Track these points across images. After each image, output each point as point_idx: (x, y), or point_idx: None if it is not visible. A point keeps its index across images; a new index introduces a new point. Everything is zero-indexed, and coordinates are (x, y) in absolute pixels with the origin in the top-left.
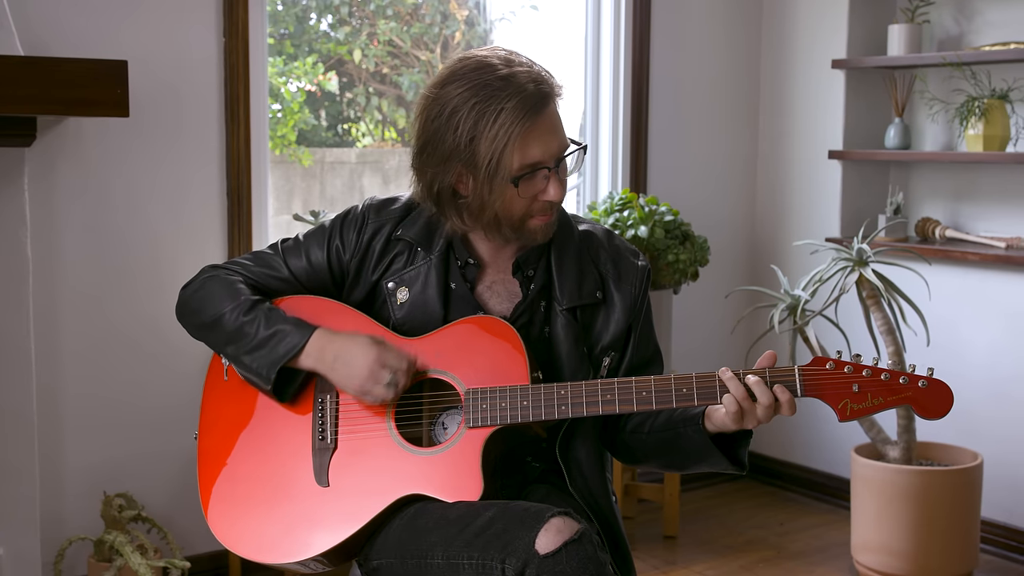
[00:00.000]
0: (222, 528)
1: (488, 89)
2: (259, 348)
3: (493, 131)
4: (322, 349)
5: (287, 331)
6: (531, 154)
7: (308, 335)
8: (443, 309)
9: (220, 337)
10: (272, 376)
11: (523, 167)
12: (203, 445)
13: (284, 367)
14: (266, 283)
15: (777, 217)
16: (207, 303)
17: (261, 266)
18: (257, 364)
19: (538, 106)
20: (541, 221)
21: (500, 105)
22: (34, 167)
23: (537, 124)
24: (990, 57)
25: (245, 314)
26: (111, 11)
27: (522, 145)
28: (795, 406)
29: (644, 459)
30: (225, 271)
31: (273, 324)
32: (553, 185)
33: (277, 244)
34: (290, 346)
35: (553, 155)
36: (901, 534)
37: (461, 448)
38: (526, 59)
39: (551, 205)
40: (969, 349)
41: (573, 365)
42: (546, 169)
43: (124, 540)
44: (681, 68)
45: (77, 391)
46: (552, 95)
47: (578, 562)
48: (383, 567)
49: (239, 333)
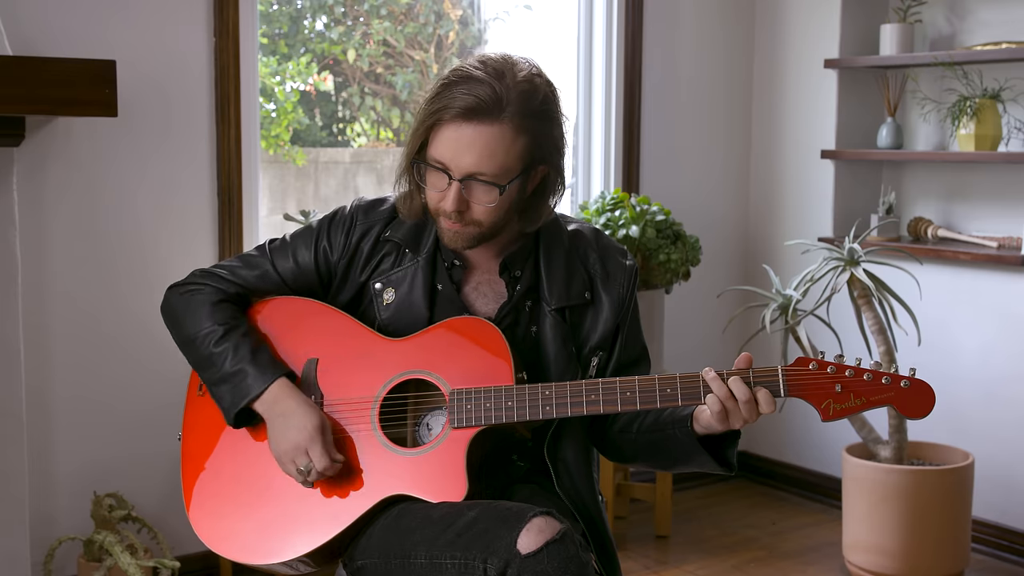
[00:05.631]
0: (206, 528)
1: (458, 77)
2: (223, 383)
3: (428, 108)
4: (275, 402)
5: (248, 374)
6: (438, 149)
7: (267, 385)
8: (429, 311)
9: (191, 357)
10: (231, 417)
11: (430, 157)
12: (187, 446)
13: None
14: (253, 286)
15: (769, 217)
16: (185, 319)
17: (249, 269)
18: (221, 399)
19: (468, 115)
20: (444, 224)
21: (451, 92)
22: (23, 167)
23: (463, 128)
24: (982, 57)
25: (216, 344)
26: (100, 10)
27: (436, 135)
28: (774, 402)
29: (632, 458)
30: (212, 279)
31: (239, 362)
32: (449, 193)
33: (265, 245)
34: (247, 392)
35: (460, 167)
36: (892, 533)
37: (445, 448)
38: (525, 75)
39: (451, 214)
40: (960, 349)
41: (561, 365)
42: (447, 175)
43: (114, 540)
44: (673, 67)
45: (67, 392)
46: (493, 119)
47: (559, 562)
48: (367, 567)
49: (208, 362)
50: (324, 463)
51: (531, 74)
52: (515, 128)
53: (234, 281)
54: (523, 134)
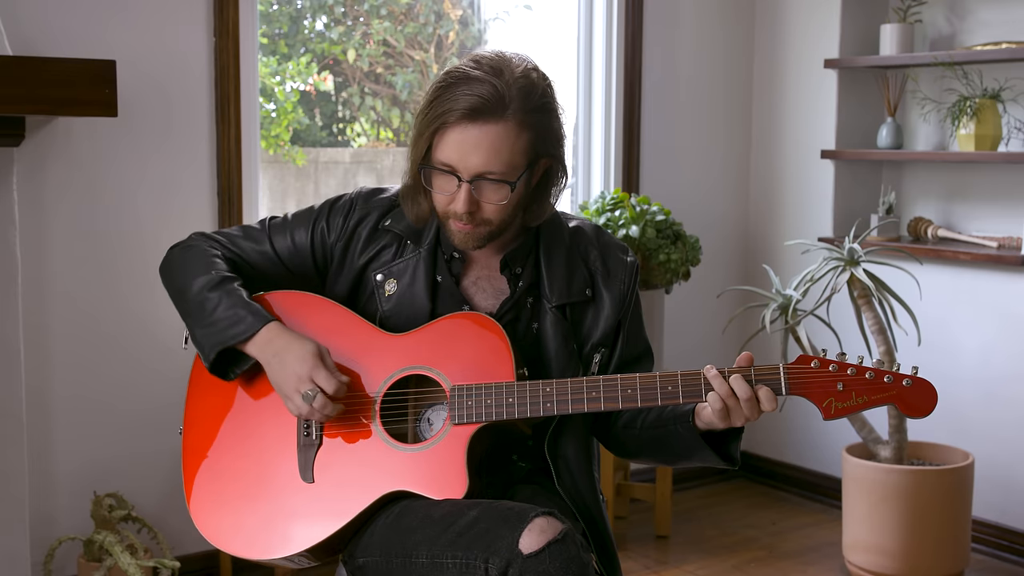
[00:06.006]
0: (206, 523)
1: (455, 78)
2: (211, 326)
3: (431, 112)
4: (269, 341)
5: (242, 316)
6: (445, 152)
7: (261, 325)
8: (430, 303)
9: (182, 306)
10: (212, 356)
11: (437, 161)
12: (188, 440)
13: (230, 349)
14: (249, 257)
15: (769, 217)
16: (181, 270)
17: (247, 240)
18: (204, 340)
19: (474, 115)
20: (455, 227)
21: (452, 95)
22: (23, 167)
23: (466, 130)
24: (982, 57)
25: (210, 290)
26: (100, 10)
27: (441, 138)
28: (775, 400)
29: (636, 453)
30: (210, 242)
31: (232, 307)
32: (459, 196)
33: (266, 221)
34: (240, 331)
35: (468, 168)
36: (892, 533)
37: (446, 445)
38: (522, 71)
39: (463, 215)
40: (960, 349)
41: (562, 363)
42: (455, 177)
43: (114, 540)
44: (673, 67)
45: (67, 391)
46: (499, 117)
47: (561, 562)
48: (368, 565)
49: (199, 307)
50: (331, 384)
51: (528, 69)
52: (518, 124)
53: (232, 249)
54: (526, 129)
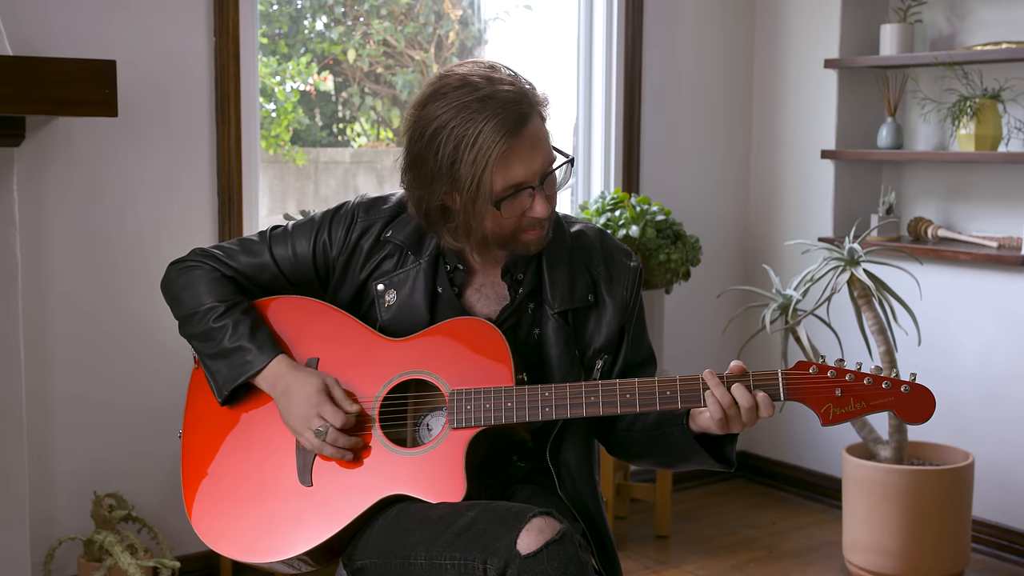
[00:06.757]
0: (206, 527)
1: (467, 111)
2: (221, 358)
3: (472, 154)
4: (277, 378)
5: (249, 351)
6: (513, 175)
7: (267, 361)
8: (429, 313)
9: (189, 331)
10: (225, 393)
11: (506, 188)
12: (187, 443)
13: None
14: (250, 272)
15: (769, 217)
16: (185, 294)
17: (247, 255)
18: (217, 374)
19: (518, 125)
20: (533, 235)
21: (479, 127)
22: (23, 167)
23: (518, 144)
24: (982, 57)
25: (216, 320)
26: (100, 10)
27: (503, 167)
28: (773, 406)
29: (637, 456)
30: (211, 260)
31: (238, 339)
32: (539, 202)
33: (266, 232)
34: (249, 368)
35: (536, 173)
36: (892, 534)
37: (445, 449)
38: (508, 73)
39: (540, 220)
40: (960, 349)
41: (564, 368)
42: (530, 188)
43: (114, 540)
44: (673, 67)
45: (67, 391)
46: (533, 112)
47: (559, 562)
48: (367, 567)
49: (207, 336)
50: (339, 419)
51: (500, 67)
52: (540, 116)
53: (231, 265)
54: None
